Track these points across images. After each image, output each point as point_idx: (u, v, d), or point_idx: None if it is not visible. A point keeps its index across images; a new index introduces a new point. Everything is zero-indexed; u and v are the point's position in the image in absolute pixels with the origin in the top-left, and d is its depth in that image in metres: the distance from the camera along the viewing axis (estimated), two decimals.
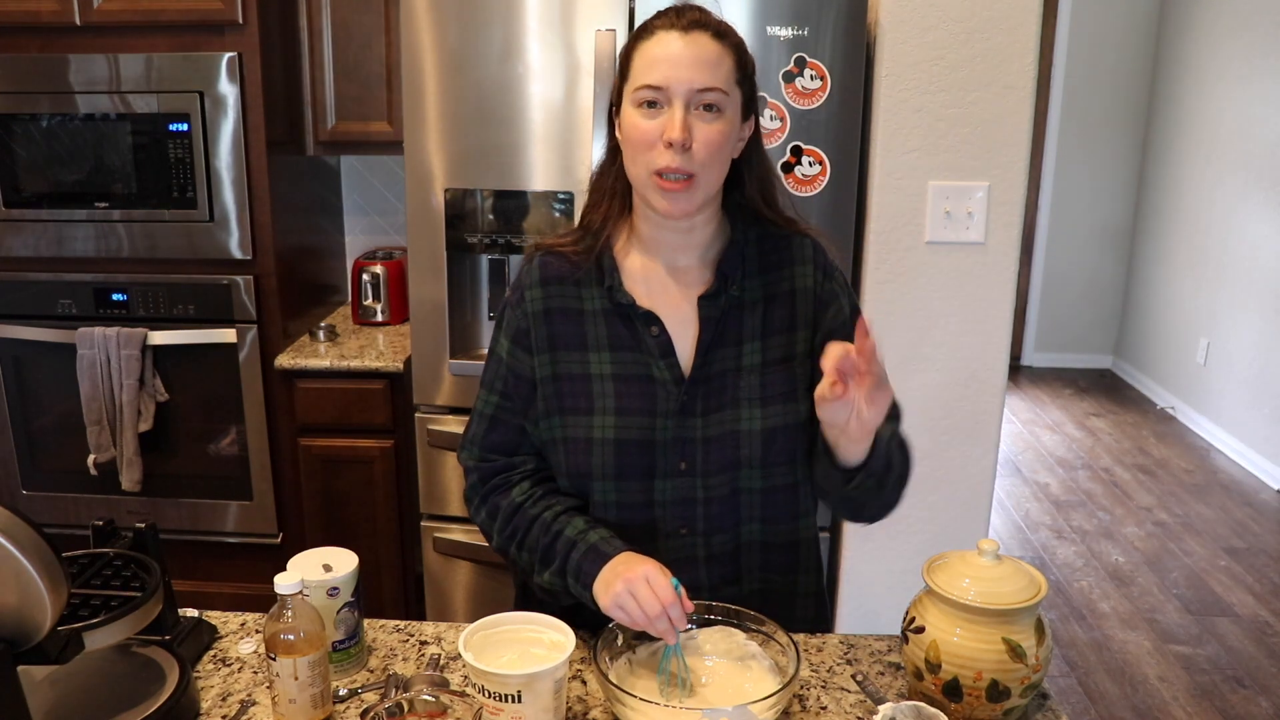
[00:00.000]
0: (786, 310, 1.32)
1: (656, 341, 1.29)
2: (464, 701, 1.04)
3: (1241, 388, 4.74)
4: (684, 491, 1.31)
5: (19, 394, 2.84)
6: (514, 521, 1.32)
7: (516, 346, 1.33)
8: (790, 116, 2.18)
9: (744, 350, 1.30)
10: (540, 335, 1.32)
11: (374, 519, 2.77)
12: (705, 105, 1.20)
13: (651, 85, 1.20)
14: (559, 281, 1.32)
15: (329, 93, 2.81)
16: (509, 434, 1.35)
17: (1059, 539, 3.95)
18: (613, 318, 1.31)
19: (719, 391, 1.29)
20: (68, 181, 2.70)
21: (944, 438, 2.28)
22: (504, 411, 1.35)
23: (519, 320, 1.33)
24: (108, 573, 1.17)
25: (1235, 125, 4.84)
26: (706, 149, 1.20)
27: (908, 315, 2.24)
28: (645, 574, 1.16)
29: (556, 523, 1.28)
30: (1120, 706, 2.90)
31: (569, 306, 1.32)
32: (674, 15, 1.23)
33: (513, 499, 1.33)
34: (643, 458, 1.29)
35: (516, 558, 1.34)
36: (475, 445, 1.37)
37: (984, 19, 2.09)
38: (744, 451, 1.29)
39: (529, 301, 1.33)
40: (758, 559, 1.36)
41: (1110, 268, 6.00)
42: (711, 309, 1.30)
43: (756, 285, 1.32)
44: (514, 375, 1.34)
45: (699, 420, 1.29)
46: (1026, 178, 2.19)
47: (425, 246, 2.37)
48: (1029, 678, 1.13)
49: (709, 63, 1.20)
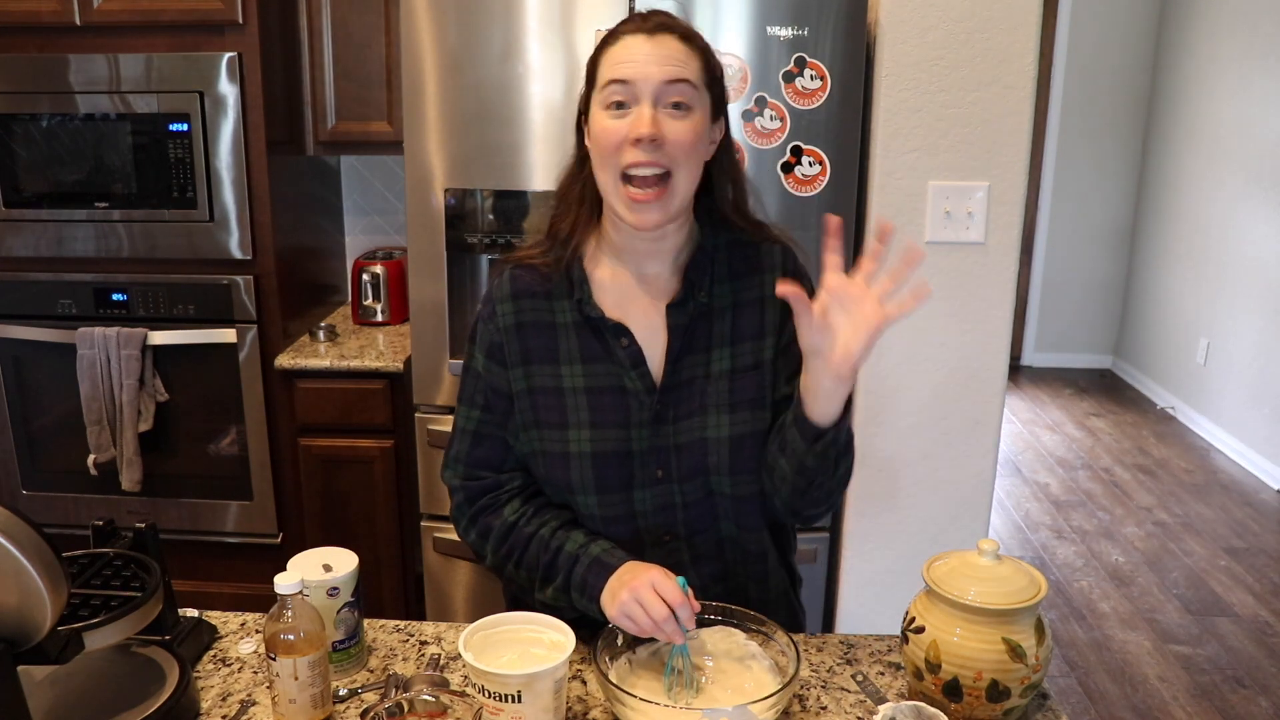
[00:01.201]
0: (755, 317, 1.31)
1: (627, 353, 1.29)
2: (464, 701, 1.04)
3: (1241, 388, 4.74)
4: (663, 499, 1.31)
5: (19, 394, 2.84)
6: (509, 541, 1.31)
7: (491, 361, 1.33)
8: (790, 116, 2.18)
9: (713, 357, 1.30)
10: (513, 349, 1.31)
11: (374, 519, 2.77)
12: (674, 104, 1.18)
13: (618, 80, 1.18)
14: (530, 295, 1.32)
15: (329, 93, 2.81)
16: (494, 448, 1.34)
17: (1059, 539, 3.95)
18: (584, 330, 1.30)
19: (689, 398, 1.29)
20: (68, 181, 2.70)
21: (944, 438, 2.29)
22: (486, 425, 1.34)
23: (492, 334, 1.32)
24: (108, 573, 1.17)
25: (1235, 125, 4.84)
26: (678, 146, 1.18)
27: (908, 315, 2.24)
28: (650, 579, 1.16)
29: (555, 538, 1.28)
30: (1120, 706, 2.90)
31: (541, 320, 1.31)
32: (640, 20, 1.22)
33: (505, 518, 1.32)
34: (620, 469, 1.29)
35: (514, 575, 1.33)
36: (460, 463, 1.36)
37: (984, 19, 2.09)
38: (712, 458, 1.29)
39: (500, 316, 1.32)
40: (739, 554, 1.37)
41: (1110, 268, 6.00)
42: (679, 317, 1.29)
43: (726, 292, 1.31)
44: (491, 389, 1.33)
45: (671, 428, 1.29)
46: (1026, 178, 2.19)
47: (425, 246, 2.37)
48: (1029, 678, 1.13)
49: (676, 60, 1.19)
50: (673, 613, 1.14)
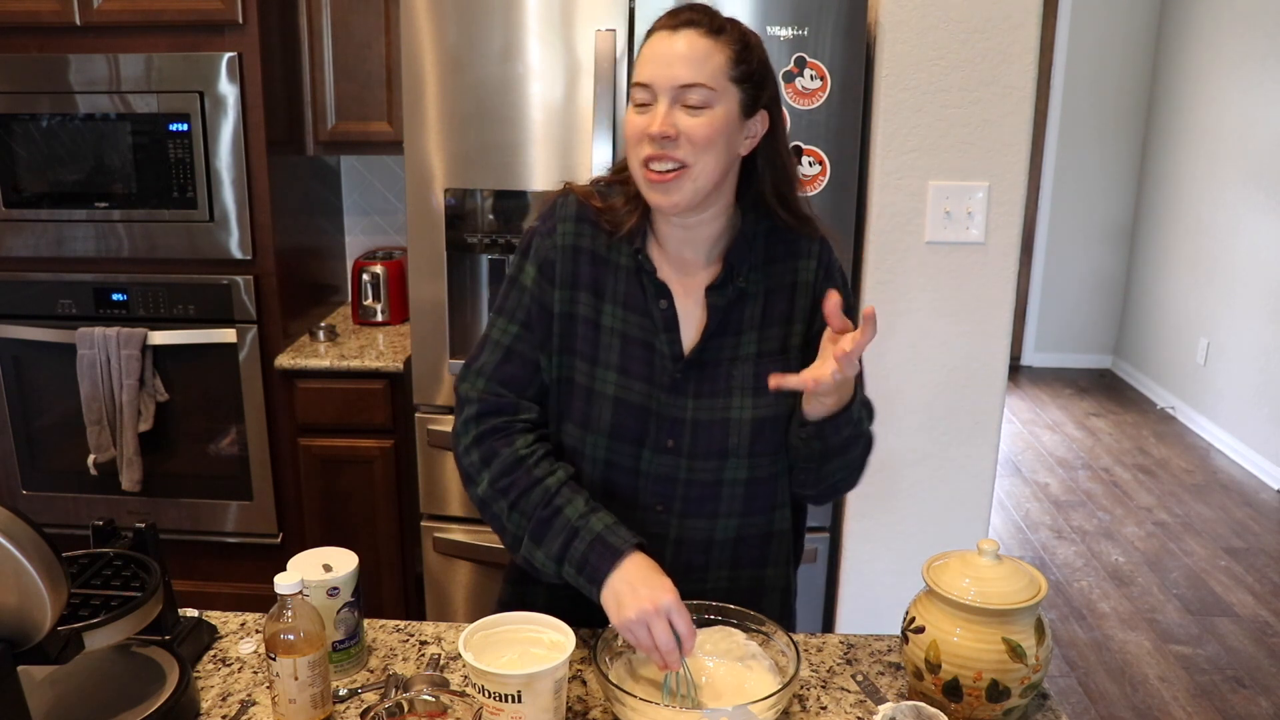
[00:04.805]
0: (785, 303, 1.33)
1: (663, 314, 1.30)
2: (464, 701, 1.04)
3: (1241, 388, 4.74)
4: (666, 469, 1.31)
5: (19, 394, 2.84)
6: (513, 475, 1.28)
7: (542, 276, 1.32)
8: (790, 116, 2.18)
9: (741, 340, 1.32)
10: (565, 270, 1.31)
11: (374, 519, 2.77)
12: (690, 104, 1.20)
13: (639, 83, 1.23)
14: (593, 224, 1.32)
15: (329, 93, 2.81)
16: (524, 369, 1.32)
17: (1059, 539, 3.95)
18: (632, 277, 1.31)
19: (712, 379, 1.30)
20: (68, 181, 2.70)
21: (944, 438, 2.29)
22: (521, 343, 1.32)
23: (547, 251, 1.32)
24: (108, 573, 1.17)
25: (1235, 125, 4.84)
26: (691, 141, 1.21)
27: (908, 315, 2.24)
28: (666, 608, 1.15)
29: (559, 496, 1.25)
30: (1120, 706, 2.90)
31: (598, 252, 1.32)
32: (671, 15, 1.24)
33: (516, 450, 1.29)
34: (638, 422, 1.30)
35: (503, 515, 1.28)
36: (484, 376, 1.32)
37: (984, 19, 2.09)
38: (732, 440, 1.30)
39: (560, 235, 1.32)
40: (729, 554, 1.36)
41: (1110, 268, 6.00)
42: (718, 299, 1.30)
43: (759, 277, 1.33)
44: (538, 305, 1.32)
45: (689, 401, 1.30)
46: (1026, 178, 2.19)
47: (425, 246, 2.37)
48: (1029, 678, 1.13)
49: (694, 60, 1.20)
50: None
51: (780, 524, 1.39)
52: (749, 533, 1.36)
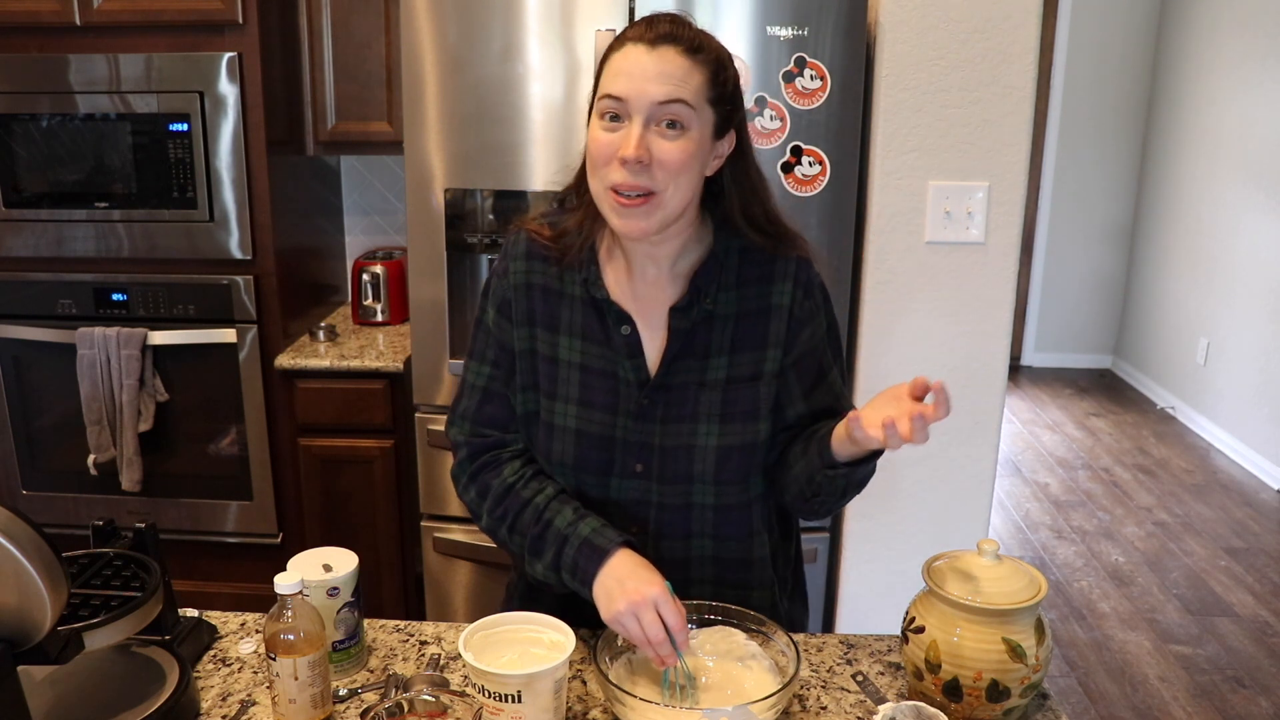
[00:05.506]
0: (760, 328, 1.30)
1: (625, 340, 1.28)
2: (464, 701, 1.04)
3: (1241, 388, 4.74)
4: (638, 493, 1.31)
5: (19, 394, 2.84)
6: (505, 503, 1.31)
7: (501, 316, 1.34)
8: (790, 116, 2.18)
9: (710, 364, 1.29)
10: (520, 308, 1.32)
11: (374, 519, 2.77)
12: (668, 122, 1.16)
13: (612, 95, 1.17)
14: (543, 259, 1.32)
15: (329, 93, 2.81)
16: (502, 407, 1.35)
17: (1059, 539, 3.95)
18: (588, 307, 1.30)
19: (679, 403, 1.29)
20: (68, 181, 2.70)
21: (944, 438, 2.28)
22: (495, 382, 1.35)
23: (504, 291, 1.33)
24: (108, 573, 1.17)
25: (1235, 125, 4.84)
26: (665, 169, 1.16)
27: (908, 315, 2.24)
28: (654, 598, 1.15)
29: (548, 510, 1.28)
30: (1120, 706, 2.90)
31: (549, 285, 1.32)
32: (645, 26, 1.19)
33: (504, 478, 1.32)
34: (601, 453, 1.30)
35: (507, 540, 1.33)
36: (467, 420, 1.36)
37: (984, 19, 2.09)
38: (697, 466, 1.29)
39: (513, 274, 1.33)
40: (710, 571, 1.35)
41: (1110, 268, 6.00)
42: (682, 321, 1.28)
43: (732, 299, 1.29)
44: (499, 345, 1.34)
45: (657, 426, 1.29)
46: (1026, 178, 2.19)
47: (425, 246, 2.37)
48: (1029, 678, 1.13)
49: (673, 77, 1.15)
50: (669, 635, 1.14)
51: (760, 550, 1.37)
52: (726, 555, 1.35)
